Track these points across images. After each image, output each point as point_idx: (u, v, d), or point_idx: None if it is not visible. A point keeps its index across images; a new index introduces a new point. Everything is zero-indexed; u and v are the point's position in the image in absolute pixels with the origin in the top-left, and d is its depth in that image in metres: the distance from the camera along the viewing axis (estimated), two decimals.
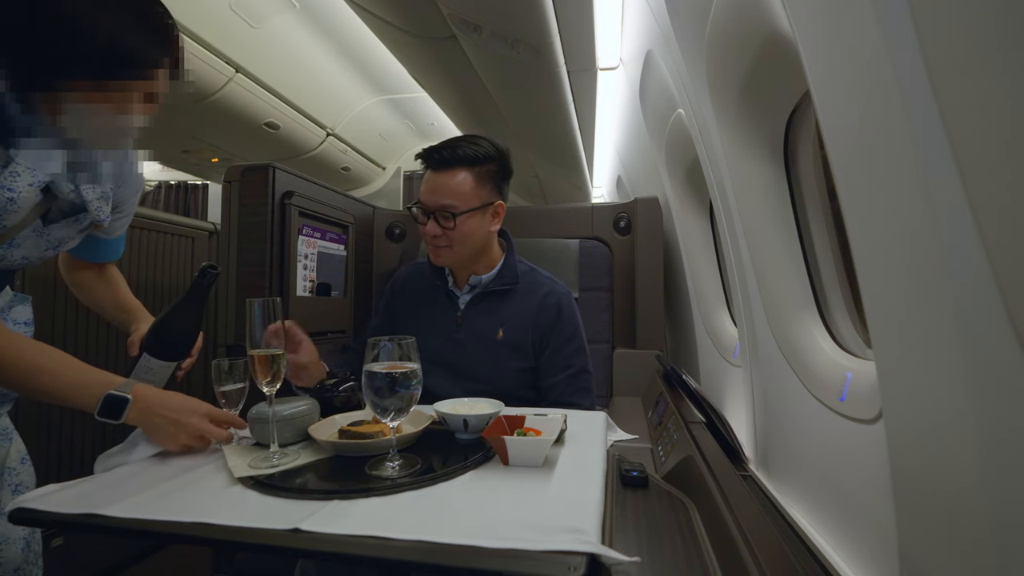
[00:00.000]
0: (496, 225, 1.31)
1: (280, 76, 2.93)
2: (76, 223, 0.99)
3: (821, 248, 1.07)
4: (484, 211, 1.26)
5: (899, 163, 0.50)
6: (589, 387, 1.33)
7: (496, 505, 0.65)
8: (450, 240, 1.23)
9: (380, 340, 0.75)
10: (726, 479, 0.81)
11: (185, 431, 0.85)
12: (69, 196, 0.94)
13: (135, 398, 0.83)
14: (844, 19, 0.56)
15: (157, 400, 0.85)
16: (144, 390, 0.85)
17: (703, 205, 1.96)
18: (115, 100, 0.87)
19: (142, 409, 0.83)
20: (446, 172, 1.22)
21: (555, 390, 1.30)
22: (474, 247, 1.28)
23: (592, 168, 3.89)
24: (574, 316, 1.35)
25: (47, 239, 0.96)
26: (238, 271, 1.58)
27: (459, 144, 1.23)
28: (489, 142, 1.26)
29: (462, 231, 1.23)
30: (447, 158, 1.22)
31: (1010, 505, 0.44)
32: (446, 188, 1.21)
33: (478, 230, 1.25)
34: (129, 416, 0.82)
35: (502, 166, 1.29)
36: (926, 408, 0.54)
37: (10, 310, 1.03)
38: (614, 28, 1.98)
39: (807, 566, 0.77)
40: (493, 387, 1.27)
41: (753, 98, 1.06)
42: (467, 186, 1.22)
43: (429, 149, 1.24)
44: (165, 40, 0.89)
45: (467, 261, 1.31)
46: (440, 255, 1.27)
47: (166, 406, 0.85)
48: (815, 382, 0.93)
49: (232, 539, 0.59)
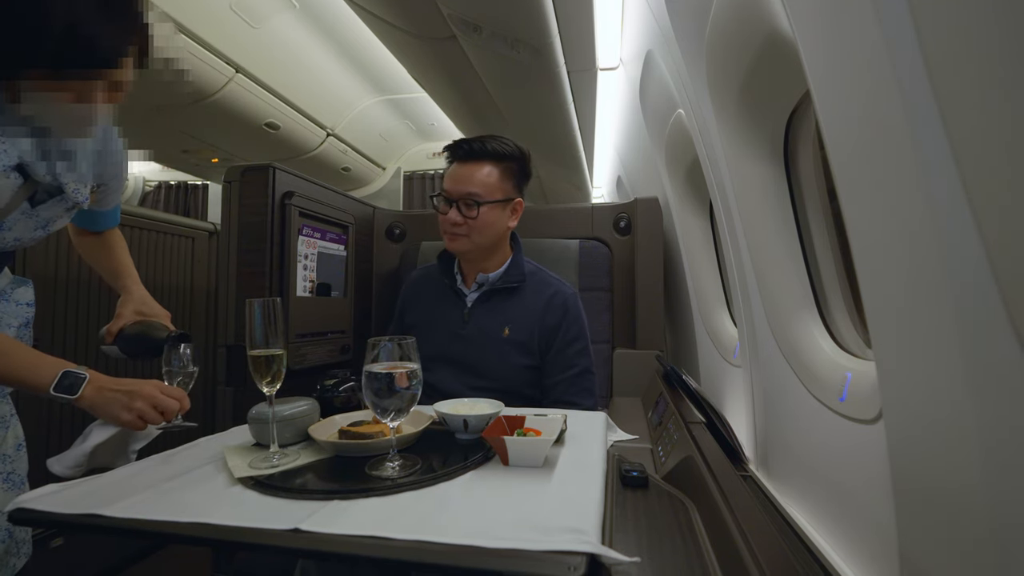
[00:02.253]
0: (513, 221, 1.35)
1: (280, 76, 2.93)
2: (63, 202, 1.00)
3: (821, 248, 1.07)
4: (505, 205, 1.31)
5: (899, 163, 0.50)
6: (592, 388, 1.34)
7: (496, 505, 0.65)
8: (469, 229, 1.28)
9: (380, 340, 0.75)
10: (726, 479, 0.81)
11: (139, 398, 0.87)
12: (46, 179, 0.94)
13: (91, 377, 0.87)
14: (844, 19, 0.56)
15: (110, 379, 0.89)
16: (98, 374, 0.89)
17: (703, 205, 1.96)
18: (75, 89, 0.84)
19: (97, 387, 0.87)
20: (473, 163, 1.28)
21: (558, 389, 1.31)
22: (491, 239, 1.31)
23: (592, 168, 3.89)
24: (580, 317, 1.36)
25: (36, 220, 0.97)
26: (238, 271, 1.58)
27: (487, 140, 1.29)
28: (514, 143, 1.33)
29: (483, 220, 1.27)
30: (476, 150, 1.28)
31: (1010, 505, 0.44)
32: (473, 178, 1.27)
33: (497, 222, 1.30)
34: (84, 392, 0.86)
35: (523, 167, 1.34)
36: (926, 408, 0.53)
37: (12, 291, 1.05)
38: (614, 28, 1.98)
39: (807, 566, 0.77)
40: (498, 384, 1.27)
41: (753, 98, 1.06)
42: (493, 178, 1.28)
43: (458, 141, 1.31)
44: (130, 28, 0.85)
45: (481, 253, 1.34)
46: (457, 241, 1.30)
47: (119, 383, 0.89)
48: (815, 382, 0.93)
49: (232, 539, 0.59)
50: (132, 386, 0.88)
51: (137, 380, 0.91)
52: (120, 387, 0.88)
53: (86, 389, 0.86)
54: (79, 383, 0.86)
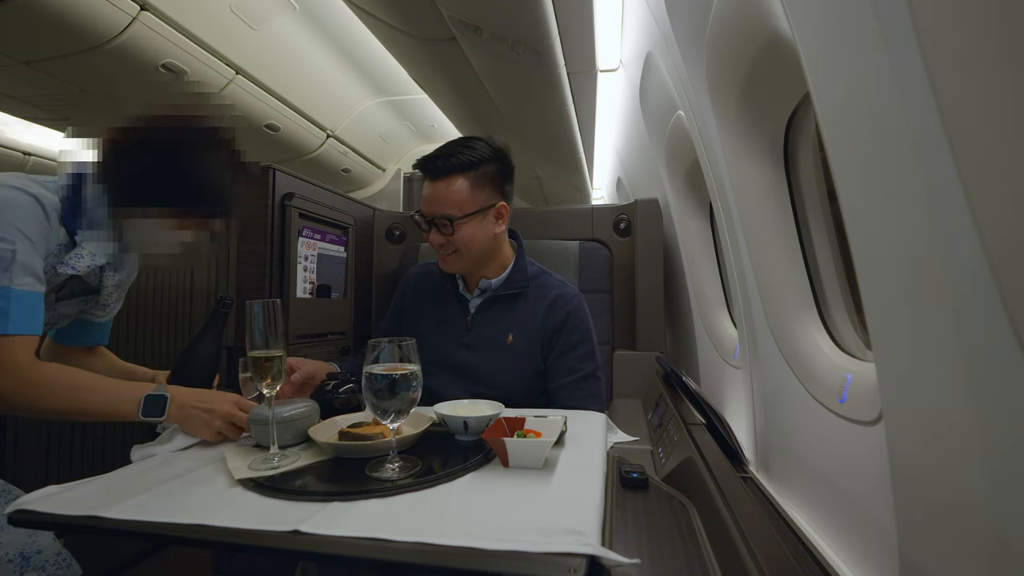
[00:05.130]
0: (501, 226, 1.29)
1: (280, 78, 2.93)
2: (82, 302, 1.09)
3: (821, 249, 1.07)
4: (484, 215, 1.24)
5: (899, 164, 0.50)
6: (598, 392, 1.30)
7: (496, 507, 0.65)
8: (455, 246, 1.23)
9: (380, 342, 0.75)
10: (726, 481, 0.81)
11: (218, 417, 0.92)
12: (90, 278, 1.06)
13: (172, 395, 0.92)
14: (844, 19, 0.56)
15: (191, 395, 0.94)
16: (177, 389, 0.94)
17: (703, 206, 1.96)
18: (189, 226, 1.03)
19: (179, 404, 0.92)
20: (442, 181, 1.22)
21: (562, 393, 1.27)
22: (480, 251, 1.26)
23: (592, 169, 3.89)
24: (585, 320, 1.32)
25: (53, 313, 1.05)
26: (238, 273, 1.58)
27: (453, 151, 1.22)
28: (485, 143, 1.25)
29: (462, 237, 1.22)
30: (441, 167, 1.21)
31: (1011, 505, 0.44)
32: (442, 197, 1.21)
33: (479, 234, 1.24)
34: (170, 412, 0.91)
35: (502, 166, 1.27)
36: (926, 409, 0.53)
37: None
38: (614, 30, 1.98)
39: (807, 567, 0.77)
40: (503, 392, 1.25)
41: (753, 100, 1.06)
42: (463, 193, 1.21)
43: (424, 159, 1.24)
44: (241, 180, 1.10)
45: (476, 266, 1.30)
46: (449, 262, 1.27)
47: (199, 398, 0.94)
48: (815, 384, 0.93)
49: (232, 541, 0.59)
50: (211, 403, 0.93)
51: (216, 394, 0.96)
52: (200, 404, 0.93)
53: (171, 408, 0.91)
54: (163, 404, 0.91)
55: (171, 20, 2.22)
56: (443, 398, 1.00)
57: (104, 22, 2.04)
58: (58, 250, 0.98)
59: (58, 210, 0.97)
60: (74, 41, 2.09)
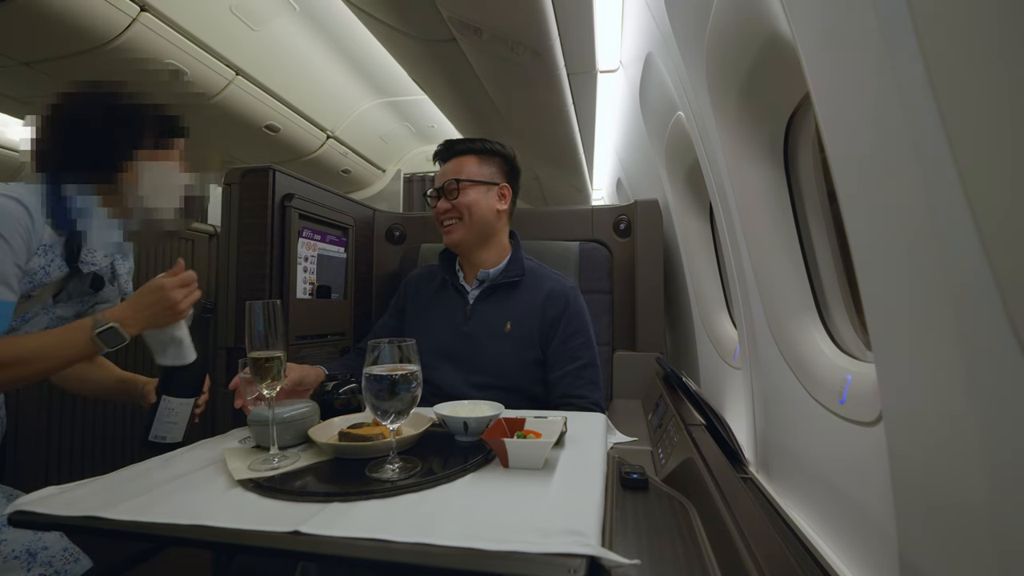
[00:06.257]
0: (503, 205, 1.39)
1: (280, 79, 2.93)
2: (80, 304, 1.08)
3: (821, 250, 1.07)
4: (488, 187, 1.36)
5: (899, 165, 0.50)
6: (598, 380, 1.34)
7: (496, 507, 0.65)
8: (459, 211, 1.33)
9: (380, 342, 0.75)
10: (726, 481, 0.81)
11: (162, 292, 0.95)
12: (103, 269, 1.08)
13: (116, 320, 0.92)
14: (844, 20, 0.56)
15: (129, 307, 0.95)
16: (112, 312, 0.94)
17: (703, 207, 1.96)
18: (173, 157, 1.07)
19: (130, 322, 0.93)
20: (455, 159, 1.38)
21: (563, 382, 1.30)
22: (481, 221, 1.35)
23: (592, 170, 3.89)
24: (581, 310, 1.37)
25: (50, 316, 1.04)
26: (238, 274, 1.58)
27: (468, 140, 1.40)
28: (500, 144, 1.41)
29: (466, 201, 1.33)
30: (458, 148, 1.39)
31: (1011, 505, 0.44)
32: (452, 170, 1.37)
33: (482, 201, 1.35)
34: (130, 332, 0.92)
35: (508, 163, 1.41)
36: (926, 410, 0.53)
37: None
38: (614, 30, 1.98)
39: (807, 568, 0.77)
40: (502, 381, 1.27)
41: (753, 100, 1.06)
42: (472, 164, 1.37)
43: (440, 145, 1.42)
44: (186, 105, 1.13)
45: (477, 239, 1.36)
46: (451, 231, 1.35)
47: (139, 304, 0.95)
48: (815, 384, 0.93)
49: (232, 541, 0.59)
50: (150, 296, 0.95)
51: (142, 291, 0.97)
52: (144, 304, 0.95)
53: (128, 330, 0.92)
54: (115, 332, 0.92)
55: (171, 21, 2.22)
56: (443, 389, 1.01)
57: (104, 23, 2.04)
58: (41, 251, 0.96)
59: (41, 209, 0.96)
60: (74, 42, 2.09)
